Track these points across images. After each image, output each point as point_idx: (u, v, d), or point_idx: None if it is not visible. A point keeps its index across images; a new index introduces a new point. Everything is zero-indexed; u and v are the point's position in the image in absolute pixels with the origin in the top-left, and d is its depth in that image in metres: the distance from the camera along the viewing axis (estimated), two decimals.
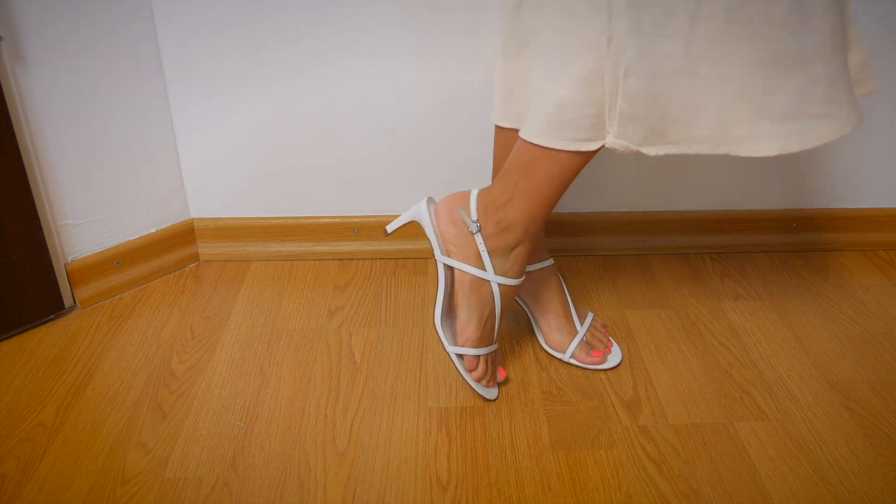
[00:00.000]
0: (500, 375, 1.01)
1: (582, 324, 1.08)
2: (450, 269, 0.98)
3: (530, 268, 1.06)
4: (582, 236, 1.34)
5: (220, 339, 1.13)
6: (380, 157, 1.27)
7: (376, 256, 1.34)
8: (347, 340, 1.13)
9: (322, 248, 1.34)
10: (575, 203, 1.32)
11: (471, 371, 0.98)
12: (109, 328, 1.16)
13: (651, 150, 0.84)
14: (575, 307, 1.09)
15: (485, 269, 0.95)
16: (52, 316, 1.18)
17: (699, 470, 0.90)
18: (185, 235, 1.30)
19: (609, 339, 1.09)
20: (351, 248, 1.34)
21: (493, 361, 1.00)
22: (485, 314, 0.96)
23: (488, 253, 0.95)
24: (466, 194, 0.97)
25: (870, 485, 0.88)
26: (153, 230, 1.27)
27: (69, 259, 1.18)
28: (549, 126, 0.86)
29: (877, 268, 1.31)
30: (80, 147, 1.13)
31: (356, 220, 1.32)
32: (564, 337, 1.07)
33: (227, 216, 1.31)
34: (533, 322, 1.11)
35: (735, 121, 0.80)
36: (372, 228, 1.32)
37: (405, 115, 1.23)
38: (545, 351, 1.09)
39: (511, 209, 0.93)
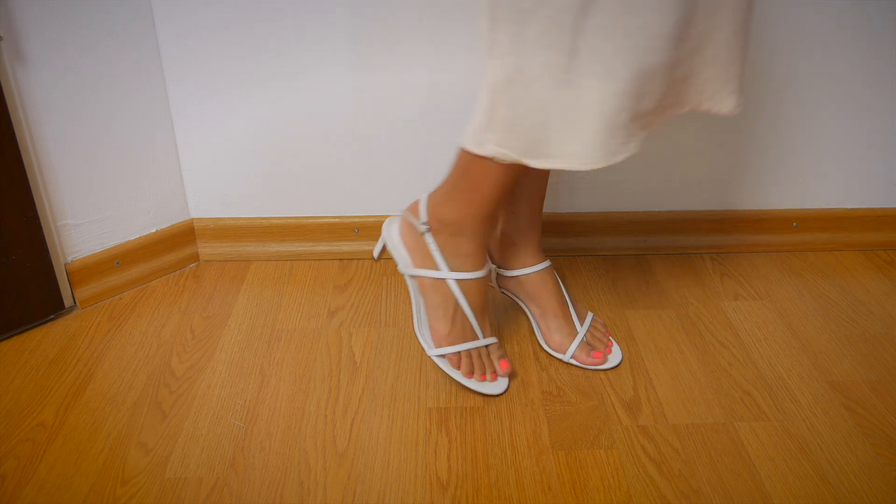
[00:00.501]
0: (502, 367, 1.01)
1: (582, 324, 1.08)
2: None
3: (527, 270, 1.07)
4: (582, 236, 1.34)
5: (220, 339, 1.13)
6: (380, 158, 1.27)
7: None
8: (347, 340, 1.13)
9: (322, 248, 1.34)
10: (575, 203, 1.32)
11: (457, 369, 0.99)
12: (109, 328, 1.16)
13: (533, 163, 0.82)
14: (575, 307, 1.09)
15: (438, 269, 0.98)
16: (52, 316, 1.18)
17: (699, 470, 0.90)
18: (185, 235, 1.30)
19: (609, 340, 1.09)
20: (351, 248, 1.34)
21: (485, 355, 1.00)
22: (450, 312, 0.98)
23: (440, 251, 0.98)
24: (418, 200, 1.00)
25: (870, 485, 0.88)
26: (153, 230, 1.27)
27: (69, 259, 1.18)
28: (471, 130, 0.87)
29: (877, 268, 1.31)
30: (80, 147, 1.13)
31: (356, 220, 1.32)
32: (564, 338, 1.07)
33: (227, 216, 1.31)
34: (533, 323, 1.11)
35: (614, 133, 0.79)
36: (372, 228, 1.32)
37: (405, 116, 1.23)
38: (545, 351, 1.09)
39: (451, 207, 0.95)
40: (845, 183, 1.32)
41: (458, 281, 0.98)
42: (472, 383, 1.00)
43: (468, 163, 0.91)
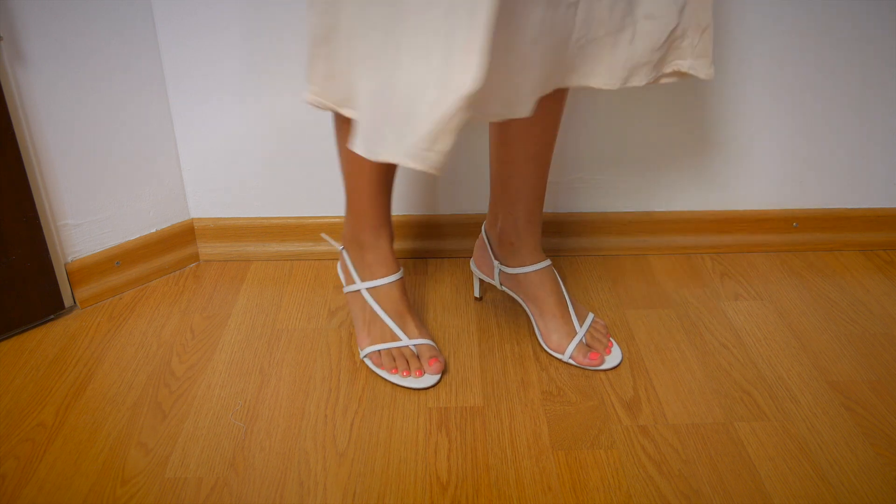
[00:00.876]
0: (429, 365, 1.02)
1: (581, 324, 1.08)
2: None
3: (524, 269, 1.08)
4: (582, 236, 1.34)
5: (220, 339, 1.13)
6: None
7: None
8: (347, 340, 1.13)
9: (322, 248, 1.34)
10: (575, 203, 1.32)
11: (381, 367, 1.04)
12: (109, 328, 1.16)
13: (349, 112, 0.85)
14: (575, 307, 1.09)
15: (353, 282, 1.08)
16: (52, 316, 1.18)
17: (699, 470, 0.90)
18: (185, 235, 1.30)
19: (609, 340, 1.09)
20: None
21: (409, 354, 1.03)
22: (367, 318, 1.06)
23: (352, 265, 1.08)
24: None
25: (870, 485, 0.88)
26: (153, 230, 1.27)
27: (69, 259, 1.18)
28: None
29: (877, 268, 1.31)
30: (80, 147, 1.13)
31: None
32: (562, 338, 1.07)
33: (227, 216, 1.31)
34: (533, 322, 1.11)
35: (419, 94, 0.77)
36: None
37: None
38: (545, 351, 1.09)
39: (349, 223, 1.06)
40: (845, 183, 1.32)
41: (370, 289, 1.06)
42: (396, 378, 1.03)
43: (346, 169, 1.01)
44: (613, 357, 1.07)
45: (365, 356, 1.06)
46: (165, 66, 1.18)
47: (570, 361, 1.06)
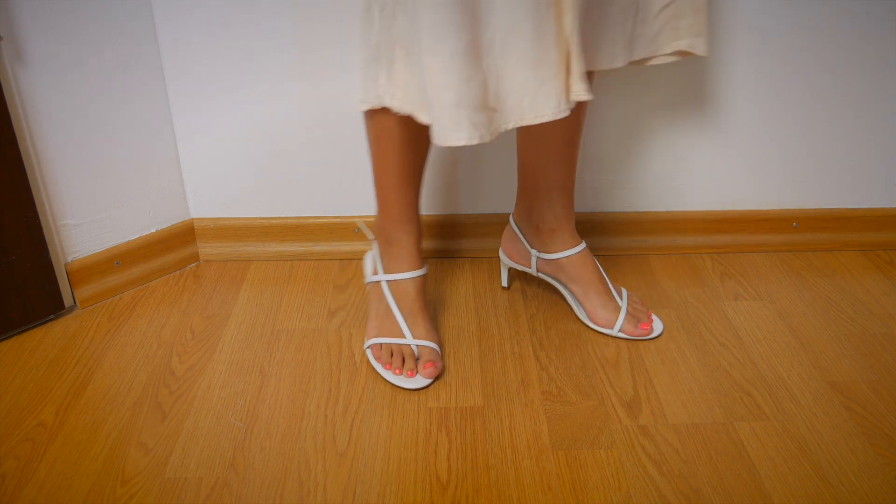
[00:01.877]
0: (424, 369, 1.02)
1: (621, 299, 1.12)
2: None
3: (566, 253, 1.12)
4: (582, 236, 1.33)
5: (220, 339, 1.13)
6: None
7: None
8: (347, 340, 1.13)
9: (322, 248, 1.34)
10: (575, 203, 1.32)
11: (378, 360, 1.05)
12: (109, 328, 1.16)
13: (424, 118, 0.88)
14: (612, 285, 1.14)
15: (377, 273, 1.09)
16: (52, 316, 1.18)
17: (699, 470, 0.90)
18: (185, 235, 1.30)
19: (648, 310, 1.14)
20: (351, 248, 1.34)
21: (409, 354, 1.04)
22: (381, 310, 1.08)
23: (380, 257, 1.09)
24: None
25: (870, 485, 0.88)
26: (153, 230, 1.27)
27: (69, 259, 1.18)
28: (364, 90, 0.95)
29: (877, 268, 1.31)
30: (80, 147, 1.13)
31: (356, 220, 1.32)
32: (610, 314, 1.11)
33: (227, 216, 1.31)
34: (575, 304, 1.15)
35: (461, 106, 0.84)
36: (372, 228, 1.32)
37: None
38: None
39: (379, 216, 1.08)
40: (845, 183, 1.32)
41: (390, 283, 1.07)
42: (388, 374, 1.03)
43: (373, 163, 1.02)
44: (657, 325, 1.13)
45: (367, 347, 1.07)
46: (165, 67, 1.18)
47: (619, 335, 1.11)
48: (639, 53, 0.95)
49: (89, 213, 1.18)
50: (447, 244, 1.33)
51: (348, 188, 1.29)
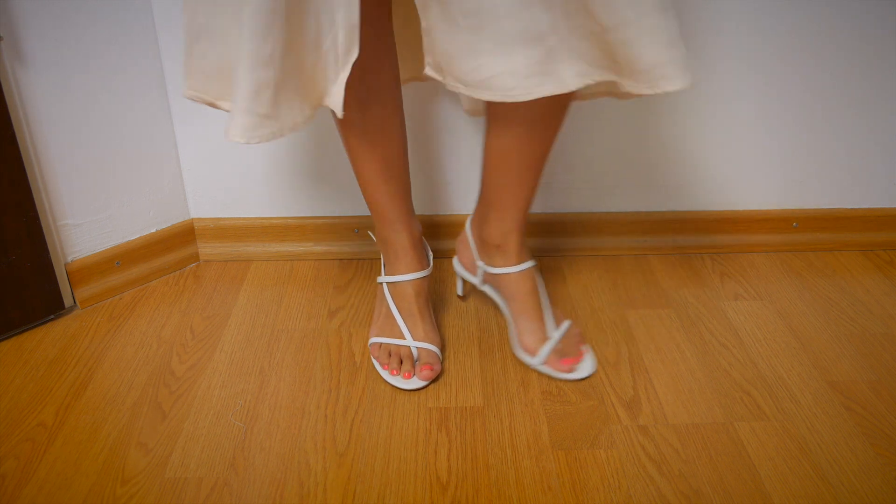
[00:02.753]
0: (422, 370, 1.02)
1: (556, 329, 1.06)
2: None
3: (506, 270, 1.06)
4: (582, 236, 1.34)
5: (220, 339, 1.14)
6: None
7: (376, 256, 1.34)
8: (347, 340, 1.13)
9: (322, 248, 1.34)
10: (575, 203, 1.32)
11: (377, 360, 1.06)
12: (109, 328, 1.16)
13: (225, 105, 0.88)
14: (553, 313, 1.08)
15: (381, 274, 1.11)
16: (52, 316, 1.18)
17: (699, 470, 0.90)
18: (185, 235, 1.30)
19: (581, 350, 1.06)
20: (351, 248, 1.34)
21: (407, 355, 1.04)
22: (383, 311, 1.09)
23: (383, 258, 1.11)
24: None
25: (870, 485, 0.88)
26: (153, 230, 1.27)
27: (69, 259, 1.18)
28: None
29: (877, 268, 1.31)
30: (80, 147, 1.13)
31: (356, 220, 1.32)
32: (536, 342, 1.05)
33: (227, 216, 1.32)
34: (509, 324, 1.10)
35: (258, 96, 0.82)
36: (372, 228, 1.32)
37: (405, 115, 1.23)
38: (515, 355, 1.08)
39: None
40: (845, 183, 1.32)
41: (388, 284, 1.09)
42: (385, 374, 1.04)
43: (351, 162, 1.02)
44: (583, 367, 1.04)
45: (369, 345, 1.08)
46: (166, 67, 1.18)
47: (541, 368, 1.04)
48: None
49: (89, 213, 1.18)
50: (447, 244, 1.33)
51: (348, 188, 1.30)
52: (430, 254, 1.12)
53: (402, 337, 1.05)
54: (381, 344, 1.06)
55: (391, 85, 0.98)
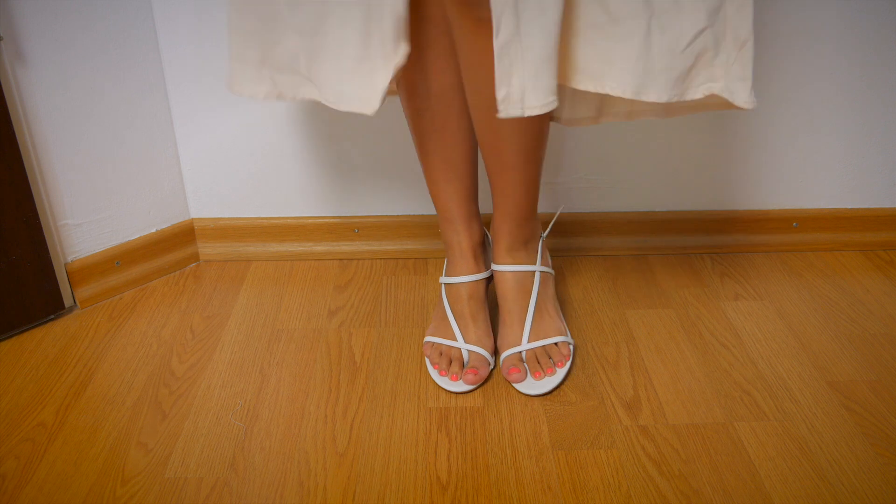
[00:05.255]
0: (466, 374, 1.00)
1: (532, 340, 1.04)
2: None
3: (503, 268, 1.05)
4: (582, 236, 1.34)
5: (220, 339, 1.13)
6: (380, 157, 1.27)
7: (376, 256, 1.34)
8: (347, 340, 1.13)
9: (322, 248, 1.34)
10: (575, 203, 1.32)
11: (428, 357, 1.05)
12: (109, 328, 1.16)
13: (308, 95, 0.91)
14: (543, 325, 1.05)
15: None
16: (52, 316, 1.18)
17: (699, 470, 0.90)
18: (185, 235, 1.30)
19: (553, 368, 1.02)
20: (351, 248, 1.34)
21: (457, 357, 1.03)
22: (440, 311, 1.08)
23: (447, 257, 1.10)
24: None
25: (870, 485, 0.88)
26: (153, 230, 1.27)
27: (69, 259, 1.18)
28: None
29: (877, 268, 1.31)
30: (80, 147, 1.13)
31: (356, 220, 1.32)
32: (501, 345, 1.05)
33: (227, 216, 1.31)
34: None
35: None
36: (372, 228, 1.32)
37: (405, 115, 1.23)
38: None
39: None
40: (845, 183, 1.32)
41: (446, 285, 1.08)
42: (434, 373, 1.03)
43: (421, 165, 1.02)
44: (539, 384, 1.00)
45: (424, 343, 1.08)
46: (166, 66, 1.18)
47: (497, 365, 1.05)
48: (656, 93, 0.78)
49: (89, 213, 1.18)
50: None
51: (348, 188, 1.30)
52: (490, 258, 1.10)
53: (453, 338, 1.04)
54: (433, 343, 1.05)
55: (455, 87, 0.95)
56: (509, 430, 0.96)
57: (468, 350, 1.03)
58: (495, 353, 1.07)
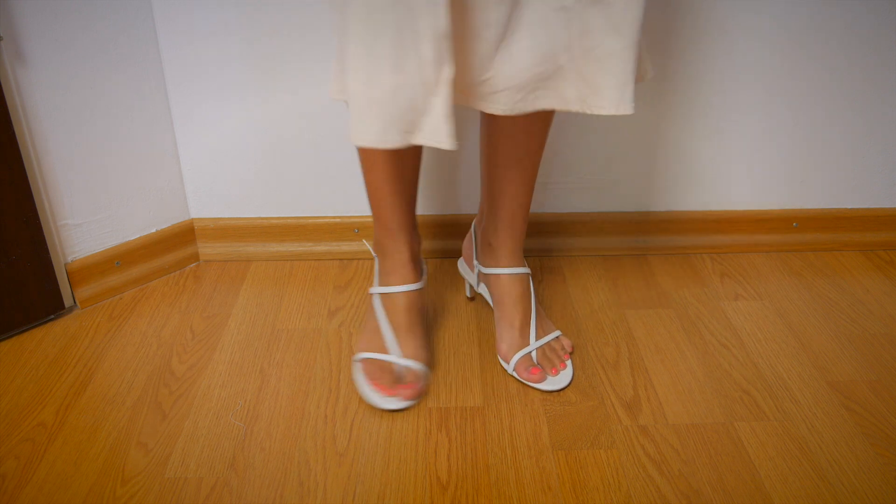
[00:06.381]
0: (403, 389, 0.98)
1: (538, 339, 1.05)
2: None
3: (495, 270, 1.06)
4: (582, 236, 1.34)
5: (220, 339, 1.14)
6: None
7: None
8: (347, 340, 1.13)
9: (322, 248, 1.34)
10: (575, 203, 1.32)
11: (365, 373, 1.01)
12: (109, 328, 1.16)
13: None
14: (540, 323, 1.07)
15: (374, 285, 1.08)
16: (52, 316, 1.18)
17: (699, 470, 0.90)
18: (185, 235, 1.30)
19: (564, 362, 1.05)
20: (351, 248, 1.34)
21: (388, 370, 1.00)
22: (372, 324, 1.06)
23: (377, 268, 1.07)
24: None
25: (870, 485, 0.88)
26: (153, 230, 1.27)
27: (69, 259, 1.18)
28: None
29: (877, 268, 1.31)
30: (80, 147, 1.13)
31: (356, 220, 1.32)
32: (511, 348, 1.04)
33: (227, 216, 1.31)
34: (496, 326, 1.09)
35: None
36: (372, 228, 1.32)
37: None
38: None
39: (375, 228, 1.05)
40: (845, 183, 1.32)
41: (382, 296, 1.05)
42: (367, 390, 1.00)
43: (362, 167, 0.99)
44: (559, 379, 1.02)
45: (356, 360, 1.04)
46: (165, 66, 1.18)
47: (514, 374, 1.04)
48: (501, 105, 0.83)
49: (89, 213, 1.18)
50: (448, 244, 1.33)
51: (348, 188, 1.30)
52: (426, 269, 1.11)
53: (386, 352, 1.02)
54: (369, 359, 1.02)
55: None
56: (509, 430, 0.96)
57: (405, 365, 1.01)
58: (429, 365, 1.06)
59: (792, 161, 1.30)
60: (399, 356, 1.02)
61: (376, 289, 1.06)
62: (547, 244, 1.34)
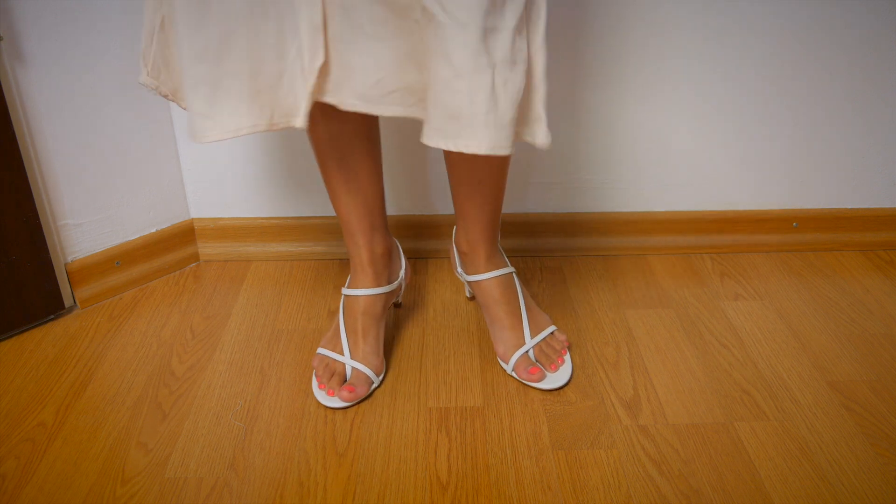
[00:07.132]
0: (343, 391, 0.98)
1: (533, 337, 1.05)
2: None
3: (475, 277, 1.06)
4: (582, 236, 1.34)
5: (220, 339, 1.14)
6: None
7: None
8: None
9: (322, 248, 1.34)
10: (575, 203, 1.32)
11: (314, 367, 1.03)
12: (109, 328, 1.16)
13: (183, 104, 0.84)
14: (534, 319, 1.06)
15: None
16: (52, 316, 1.18)
17: (699, 470, 0.90)
18: (185, 235, 1.30)
19: (561, 358, 1.05)
20: None
21: (338, 371, 1.00)
22: (335, 322, 1.06)
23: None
24: None
25: (870, 485, 0.88)
26: (153, 230, 1.27)
27: (69, 259, 1.18)
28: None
29: (877, 268, 1.31)
30: (80, 147, 1.13)
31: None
32: (508, 349, 1.04)
33: (227, 216, 1.32)
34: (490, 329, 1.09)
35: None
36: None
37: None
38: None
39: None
40: (845, 183, 1.32)
41: (344, 296, 1.06)
42: (314, 385, 1.01)
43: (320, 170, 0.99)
44: (557, 376, 1.02)
45: (316, 354, 1.05)
46: None
47: (513, 374, 1.04)
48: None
49: (89, 213, 1.18)
50: (447, 244, 1.33)
51: None
52: (403, 274, 1.10)
53: (341, 353, 1.02)
54: (321, 356, 1.03)
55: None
56: (509, 430, 0.96)
57: (352, 367, 1.01)
58: (385, 372, 1.05)
59: (792, 161, 1.30)
60: (349, 358, 1.02)
61: (344, 289, 1.06)
62: (547, 244, 1.34)
